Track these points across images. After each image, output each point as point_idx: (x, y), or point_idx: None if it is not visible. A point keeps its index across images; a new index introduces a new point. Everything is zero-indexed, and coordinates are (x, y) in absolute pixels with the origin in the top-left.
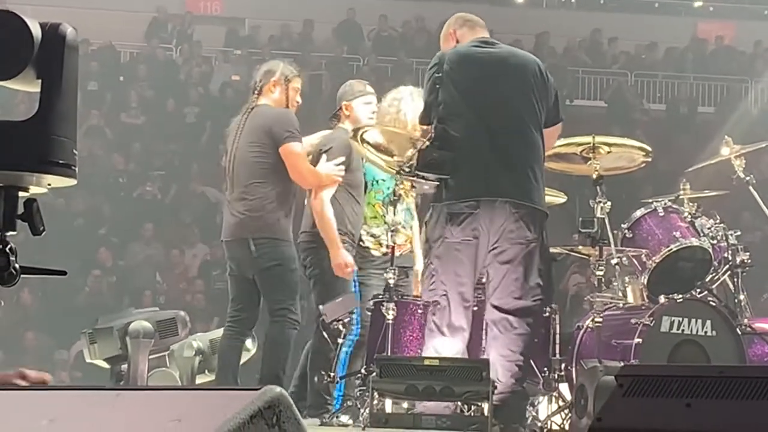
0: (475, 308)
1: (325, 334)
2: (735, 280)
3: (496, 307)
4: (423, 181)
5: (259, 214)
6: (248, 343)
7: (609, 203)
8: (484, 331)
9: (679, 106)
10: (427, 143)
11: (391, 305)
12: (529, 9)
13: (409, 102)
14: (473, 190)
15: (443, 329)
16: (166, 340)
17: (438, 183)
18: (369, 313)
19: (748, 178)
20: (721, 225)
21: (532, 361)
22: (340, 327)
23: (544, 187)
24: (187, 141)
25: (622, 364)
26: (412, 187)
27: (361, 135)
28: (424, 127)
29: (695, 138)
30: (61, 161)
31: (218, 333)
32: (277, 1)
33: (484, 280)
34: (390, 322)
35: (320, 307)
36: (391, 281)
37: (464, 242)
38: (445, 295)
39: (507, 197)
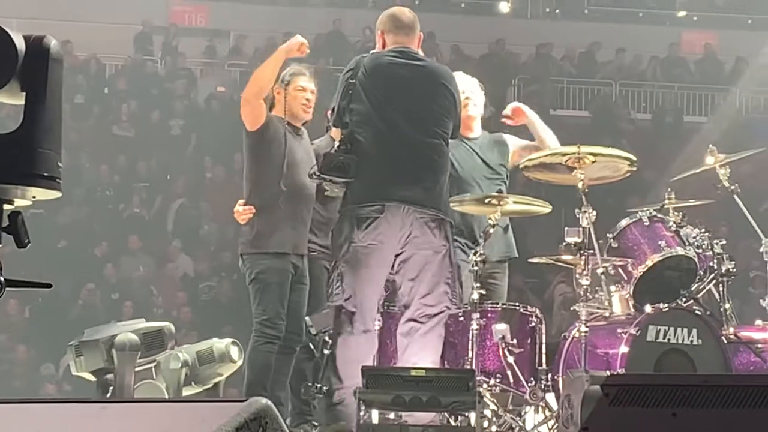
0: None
1: (311, 345)
2: (720, 288)
3: (408, 317)
4: (330, 184)
5: (244, 230)
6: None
7: (594, 213)
8: (471, 341)
9: (665, 116)
10: (335, 147)
11: (377, 316)
12: (514, 19)
13: None
14: (378, 195)
15: (354, 332)
16: (153, 352)
17: (345, 187)
18: None
19: (732, 187)
20: (706, 234)
21: (518, 371)
22: (327, 338)
23: (448, 195)
24: (172, 153)
25: (608, 373)
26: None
27: None
28: (337, 130)
29: (680, 147)
30: (45, 174)
31: (205, 345)
32: (261, 13)
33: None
34: (376, 332)
35: (306, 318)
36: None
37: (370, 246)
38: (350, 298)
39: (411, 203)
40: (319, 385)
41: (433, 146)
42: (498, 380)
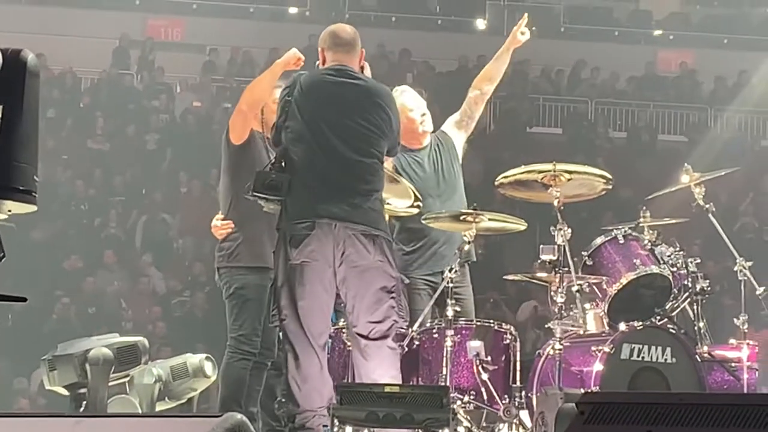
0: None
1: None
2: (695, 307)
3: (357, 334)
4: (265, 201)
5: (222, 244)
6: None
7: (569, 230)
8: (445, 358)
9: (641, 134)
10: (269, 165)
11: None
12: (490, 36)
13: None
14: (309, 212)
15: (299, 352)
16: (126, 367)
17: (279, 205)
18: (330, 340)
19: (707, 206)
20: (681, 252)
21: (492, 388)
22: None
23: (384, 212)
24: (147, 167)
25: (583, 391)
26: None
27: None
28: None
29: (656, 166)
30: (21, 187)
31: (179, 360)
32: (237, 28)
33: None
34: (351, 349)
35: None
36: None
37: (303, 264)
38: (285, 319)
39: (341, 220)
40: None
41: (365, 165)
42: (472, 397)
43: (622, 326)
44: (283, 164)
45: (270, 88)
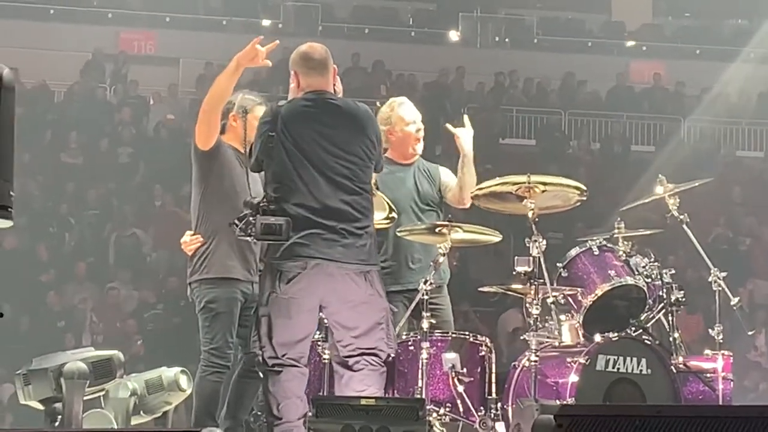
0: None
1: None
2: (670, 318)
3: (342, 365)
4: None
5: (193, 257)
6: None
7: (544, 242)
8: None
9: (613, 145)
10: (265, 208)
11: (327, 344)
12: (461, 47)
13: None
14: (300, 253)
15: (280, 370)
16: (101, 381)
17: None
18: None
19: (682, 216)
20: (656, 263)
21: (468, 400)
22: None
23: (375, 241)
24: (120, 181)
25: (558, 402)
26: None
27: None
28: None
29: (629, 177)
30: None
31: (154, 374)
32: (210, 40)
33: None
34: (327, 362)
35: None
36: (327, 319)
37: (291, 299)
38: (264, 347)
39: (336, 261)
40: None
41: (355, 202)
42: (448, 409)
43: (598, 337)
44: (274, 207)
45: (231, 85)
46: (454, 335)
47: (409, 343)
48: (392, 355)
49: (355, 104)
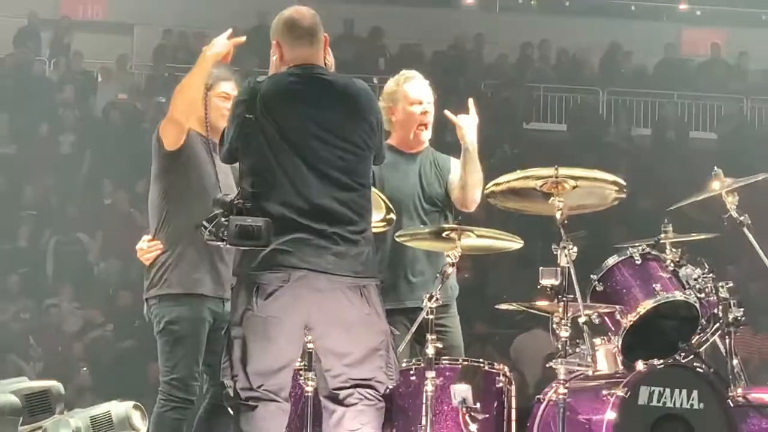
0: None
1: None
2: (727, 341)
3: (331, 399)
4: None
5: (150, 269)
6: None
7: (575, 249)
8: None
9: (665, 131)
10: (239, 205)
11: (311, 374)
12: (478, 12)
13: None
14: (283, 261)
15: (256, 406)
16: (38, 418)
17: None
18: None
19: (742, 218)
20: (710, 275)
21: None
22: None
23: (374, 249)
24: (62, 175)
25: None
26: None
27: None
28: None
29: (682, 169)
30: None
31: (101, 409)
32: (170, 4)
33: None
34: (310, 394)
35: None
36: (311, 347)
37: (270, 318)
38: (237, 376)
39: (325, 272)
40: None
41: (351, 200)
42: None
43: (640, 365)
44: (250, 205)
45: (202, 87)
46: (465, 363)
47: (411, 372)
48: (391, 386)
49: (351, 81)
